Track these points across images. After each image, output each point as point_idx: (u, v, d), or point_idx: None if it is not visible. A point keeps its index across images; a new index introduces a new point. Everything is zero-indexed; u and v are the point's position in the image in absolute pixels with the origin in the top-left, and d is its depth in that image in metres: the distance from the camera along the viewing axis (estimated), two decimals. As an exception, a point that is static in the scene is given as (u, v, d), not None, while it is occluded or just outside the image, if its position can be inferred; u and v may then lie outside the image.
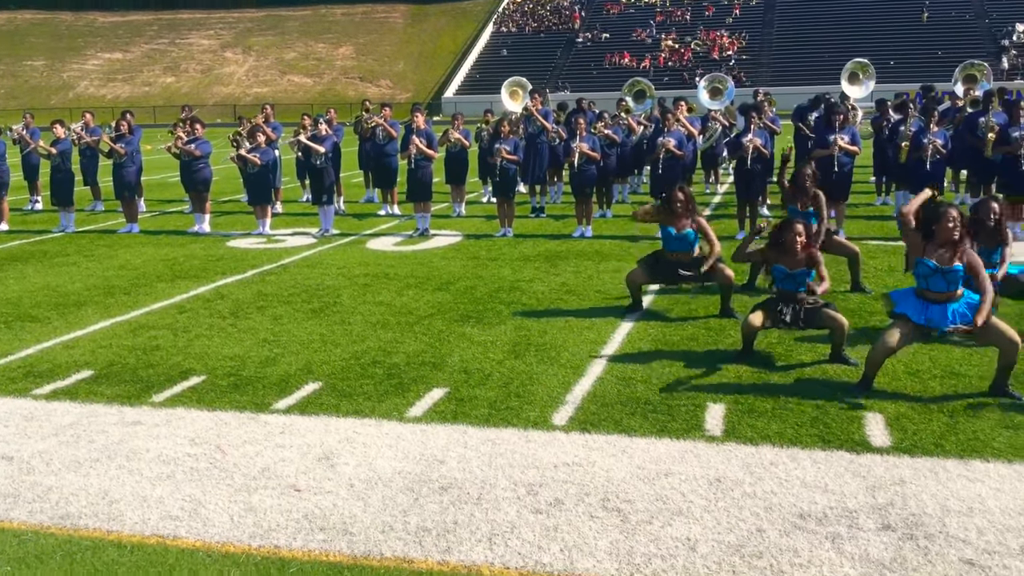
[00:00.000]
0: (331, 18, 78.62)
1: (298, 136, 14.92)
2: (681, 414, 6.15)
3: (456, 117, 16.15)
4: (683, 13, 64.84)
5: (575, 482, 5.17)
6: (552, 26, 67.30)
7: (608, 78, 54.14)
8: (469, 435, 5.90)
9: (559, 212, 15.94)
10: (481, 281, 10.56)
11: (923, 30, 56.22)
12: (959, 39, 54.57)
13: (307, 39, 76.07)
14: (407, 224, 14.96)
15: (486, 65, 63.60)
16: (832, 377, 6.83)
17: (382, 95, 61.40)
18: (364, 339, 8.21)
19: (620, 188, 17.35)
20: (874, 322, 8.33)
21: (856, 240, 12.31)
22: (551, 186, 17.36)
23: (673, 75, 56.12)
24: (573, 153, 13.35)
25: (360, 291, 10.21)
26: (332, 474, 5.37)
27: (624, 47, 61.50)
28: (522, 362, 7.41)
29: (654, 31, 62.94)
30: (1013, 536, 4.44)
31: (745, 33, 61.00)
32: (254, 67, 74.00)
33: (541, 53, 63.45)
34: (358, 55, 73.01)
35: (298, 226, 15.26)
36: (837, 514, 4.71)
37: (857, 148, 12.58)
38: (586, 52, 62.93)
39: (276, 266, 11.83)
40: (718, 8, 64.85)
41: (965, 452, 5.40)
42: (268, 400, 6.66)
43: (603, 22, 66.10)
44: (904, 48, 53.21)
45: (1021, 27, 55.50)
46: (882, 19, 58.58)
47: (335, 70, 71.89)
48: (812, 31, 58.72)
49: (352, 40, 74.87)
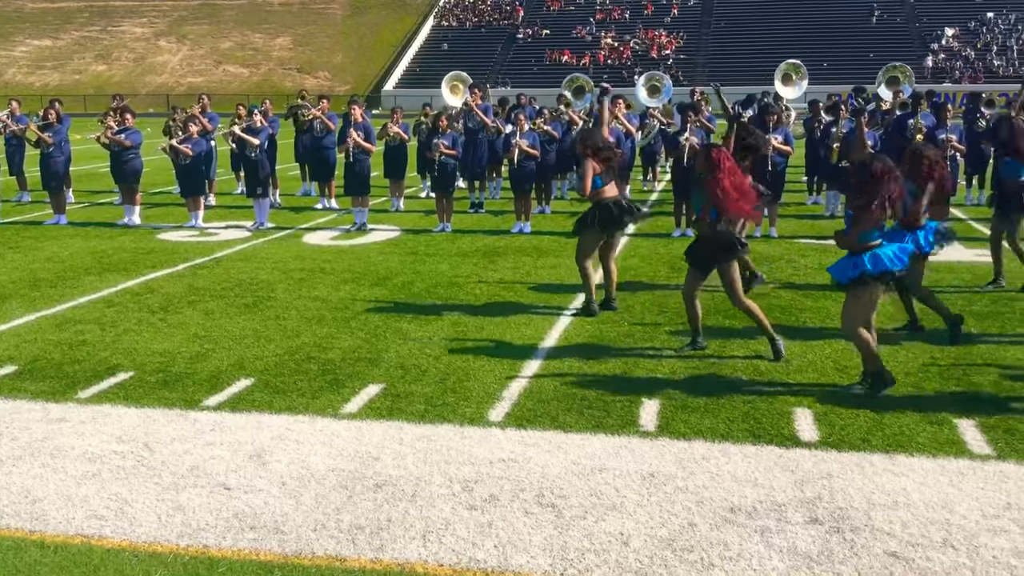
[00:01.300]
0: (268, 8, 77.46)
1: (232, 127, 14.67)
2: (616, 410, 6.20)
3: (395, 111, 16.03)
4: (622, 11, 65.33)
5: (510, 478, 5.18)
6: (493, 21, 67.27)
7: (548, 74, 54.31)
8: (405, 431, 5.86)
9: (498, 208, 15.94)
10: (419, 276, 10.51)
11: (856, 33, 57.44)
12: (890, 42, 55.91)
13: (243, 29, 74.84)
14: (344, 218, 14.82)
15: (426, 59, 63.32)
16: (764, 374, 6.95)
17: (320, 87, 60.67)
18: (299, 334, 8.11)
19: (559, 184, 17.41)
20: (804, 321, 8.49)
21: (788, 239, 12.56)
22: (490, 182, 17.34)
23: (612, 72, 56.53)
24: (512, 149, 13.35)
25: (295, 286, 10.08)
26: (264, 472, 5.29)
27: (564, 44, 61.76)
28: (459, 358, 7.39)
29: (594, 29, 63.30)
30: (936, 529, 4.56)
31: (683, 33, 61.72)
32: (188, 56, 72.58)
33: (482, 48, 63.39)
34: (296, 46, 72.07)
35: (232, 219, 15.02)
36: (766, 508, 4.79)
37: (790, 148, 12.80)
38: (526, 48, 63.05)
39: (208, 260, 11.61)
40: (657, 7, 65.47)
41: (890, 447, 5.54)
42: (198, 397, 6.54)
43: (543, 19, 66.27)
44: (837, 50, 54.34)
45: (950, 31, 57.09)
46: (816, 22, 59.76)
47: (272, 61, 70.87)
48: (748, 32, 59.63)
49: (290, 31, 73.85)
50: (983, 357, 7.25)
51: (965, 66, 53.94)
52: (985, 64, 54.05)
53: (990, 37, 56.64)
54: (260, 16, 76.33)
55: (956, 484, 5.03)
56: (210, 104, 17.59)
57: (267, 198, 14.44)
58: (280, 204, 16.60)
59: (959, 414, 6.03)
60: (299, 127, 16.92)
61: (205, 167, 15.42)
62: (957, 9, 59.52)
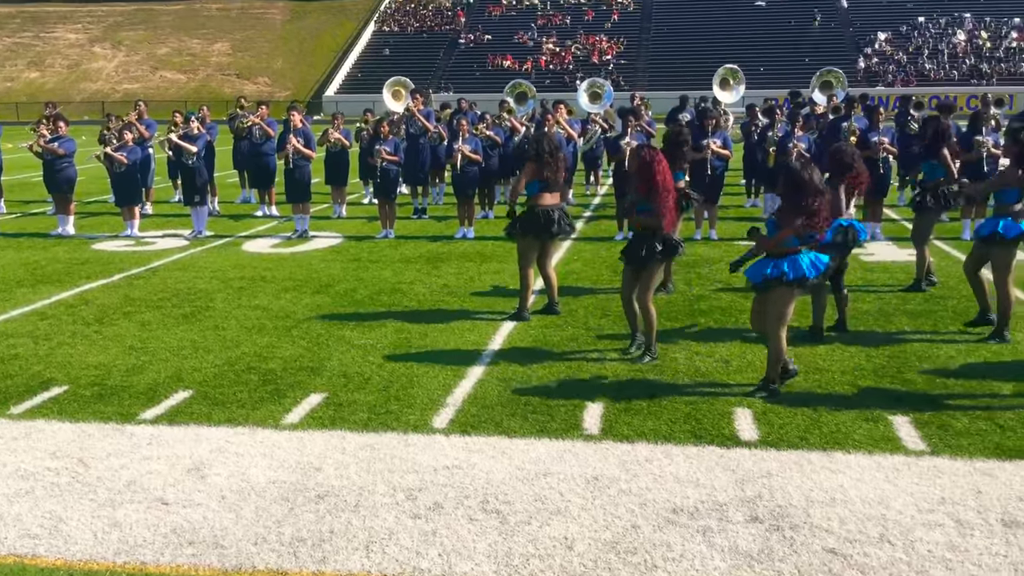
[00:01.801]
0: (206, 13, 76.29)
1: (169, 135, 14.42)
2: (560, 414, 6.21)
3: (336, 116, 15.91)
4: (563, 17, 65.64)
5: (454, 485, 5.16)
6: (434, 27, 67.11)
7: (490, 80, 54.30)
8: (347, 441, 5.81)
9: (441, 213, 15.90)
10: (362, 283, 10.43)
11: (791, 38, 58.50)
12: (824, 47, 57.04)
13: (180, 34, 73.58)
14: (285, 225, 14.65)
15: (368, 64, 62.89)
16: (705, 375, 7.02)
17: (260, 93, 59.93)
18: (238, 344, 7.99)
19: (503, 189, 17.41)
20: (743, 322, 8.60)
21: (727, 241, 12.72)
22: (433, 187, 17.30)
23: (554, 78, 56.78)
24: (455, 154, 13.33)
25: (235, 295, 9.93)
26: (203, 486, 5.20)
27: (506, 49, 61.85)
28: (402, 365, 7.35)
29: (535, 34, 63.54)
30: (872, 524, 4.65)
31: (623, 38, 62.21)
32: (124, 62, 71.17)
33: (423, 53, 63.16)
34: (235, 51, 71.07)
35: (169, 227, 14.75)
36: (708, 508, 4.84)
37: (728, 152, 12.99)
38: (468, 53, 63.00)
39: (145, 269, 11.39)
40: (597, 13, 65.93)
41: (828, 444, 5.63)
42: (135, 410, 6.40)
43: (485, 24, 66.33)
44: (773, 55, 55.25)
45: (883, 35, 58.41)
46: (752, 27, 60.69)
47: (210, 66, 69.79)
48: (686, 38, 60.33)
49: (228, 36, 72.81)
50: (916, 355, 7.42)
51: (898, 70, 55.23)
52: (917, 68, 55.40)
53: (921, 41, 58.07)
54: (198, 21, 75.15)
55: (892, 480, 5.14)
56: (147, 111, 17.27)
57: (205, 206, 14.22)
58: (219, 212, 16.35)
59: (894, 411, 6.16)
60: (238, 134, 16.70)
61: (141, 175, 15.14)
62: (889, 14, 60.91)
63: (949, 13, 60.04)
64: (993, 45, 56.49)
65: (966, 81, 52.79)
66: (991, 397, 6.43)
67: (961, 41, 57.37)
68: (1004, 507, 4.80)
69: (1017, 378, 6.81)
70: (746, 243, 12.44)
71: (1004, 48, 55.95)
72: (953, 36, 57.93)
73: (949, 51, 56.64)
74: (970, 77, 53.54)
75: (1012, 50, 55.65)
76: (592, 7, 66.86)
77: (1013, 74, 53.12)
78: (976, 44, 56.90)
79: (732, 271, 6.80)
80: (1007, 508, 4.78)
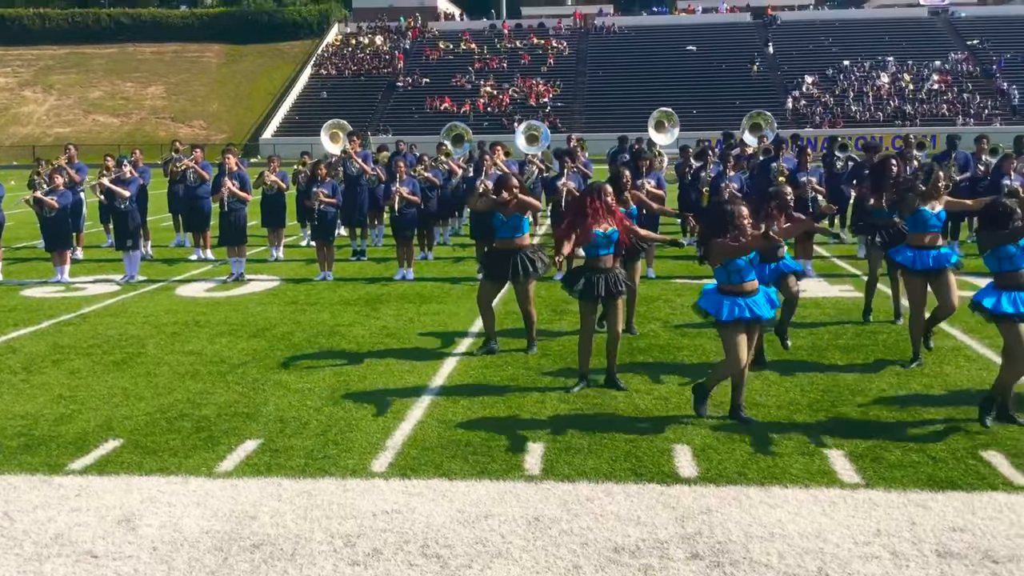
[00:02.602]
0: (140, 56, 75.42)
1: (101, 179, 14.16)
2: (501, 454, 6.18)
3: (272, 159, 15.81)
4: (500, 61, 66.44)
5: (394, 530, 5.08)
6: (372, 70, 67.33)
7: (429, 122, 54.54)
8: (284, 487, 5.69)
9: (380, 255, 15.83)
10: (299, 327, 10.30)
11: (722, 82, 59.90)
12: (754, 90, 58.56)
13: (113, 78, 72.61)
14: (220, 269, 14.44)
15: (305, 107, 62.77)
16: (644, 412, 7.05)
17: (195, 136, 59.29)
18: (171, 391, 7.81)
19: (441, 231, 17.44)
20: (682, 359, 8.69)
21: (664, 279, 12.87)
22: (372, 229, 17.23)
23: (492, 120, 57.29)
24: (393, 196, 13.32)
25: (168, 340, 9.73)
26: (133, 537, 5.04)
27: (444, 92, 62.29)
28: (341, 408, 7.25)
29: (473, 77, 64.14)
30: (811, 558, 4.68)
31: (559, 81, 63.14)
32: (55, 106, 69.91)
33: (361, 96, 63.28)
34: (169, 95, 70.31)
35: (100, 273, 14.43)
36: (649, 546, 4.83)
37: (663, 192, 13.17)
38: (407, 96, 63.28)
39: (75, 316, 11.11)
40: (533, 57, 66.87)
41: (766, 479, 5.69)
42: (62, 461, 6.20)
43: (423, 67, 66.79)
44: (706, 98, 56.52)
45: (810, 79, 60.18)
46: (685, 71, 62.13)
47: (144, 110, 68.90)
48: (621, 81, 61.42)
49: (163, 79, 72.05)
50: (850, 388, 7.55)
51: (825, 111, 56.90)
52: (843, 109, 57.15)
53: (847, 84, 59.97)
54: (131, 65, 74.25)
55: (828, 513, 5.20)
56: (77, 154, 16.93)
57: (138, 250, 13.97)
58: (152, 256, 16.07)
59: (829, 444, 6.25)
60: (172, 177, 16.48)
61: (72, 219, 14.83)
62: (815, 58, 62.91)
63: (873, 57, 62.18)
64: (915, 87, 58.56)
65: (890, 122, 54.55)
66: (923, 429, 6.57)
67: (885, 84, 59.37)
68: (938, 538, 4.88)
69: (947, 410, 6.97)
70: (682, 281, 12.67)
71: (926, 90, 58.03)
72: (877, 79, 59.94)
73: (874, 93, 58.54)
74: (894, 118, 55.36)
75: (933, 92, 57.74)
76: (528, 51, 67.82)
77: (935, 115, 55.08)
78: (899, 86, 58.93)
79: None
80: (941, 539, 4.87)
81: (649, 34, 68.92)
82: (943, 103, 56.46)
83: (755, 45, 65.79)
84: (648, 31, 69.61)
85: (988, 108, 55.25)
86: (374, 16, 75.32)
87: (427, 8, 76.61)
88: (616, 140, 18.90)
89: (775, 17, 69.72)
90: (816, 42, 65.39)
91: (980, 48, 62.18)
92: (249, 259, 14.48)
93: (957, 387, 7.55)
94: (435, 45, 69.71)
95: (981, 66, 60.26)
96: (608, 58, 65.84)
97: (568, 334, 9.53)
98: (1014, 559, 4.63)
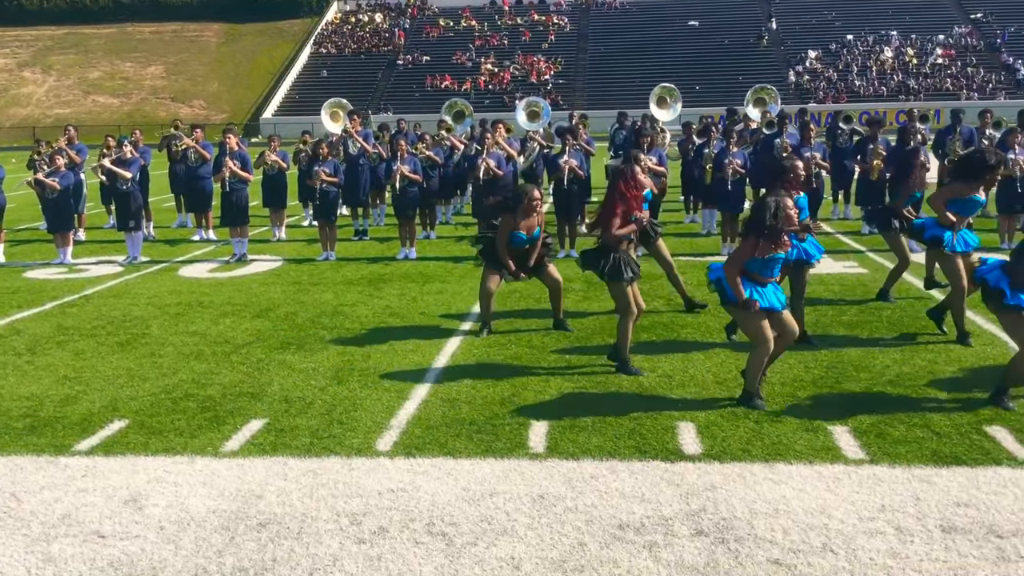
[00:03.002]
0: (139, 36, 75.10)
1: (102, 160, 14.13)
2: (505, 433, 6.19)
3: (272, 139, 15.76)
4: (501, 38, 66.06)
5: (400, 508, 5.10)
6: (372, 48, 67.01)
7: (429, 100, 54.34)
8: (289, 467, 5.71)
9: (382, 235, 15.82)
10: (302, 307, 10.30)
11: (725, 57, 59.58)
12: (757, 65, 58.23)
13: (113, 58, 72.34)
14: (223, 249, 14.43)
15: (305, 86, 62.53)
16: (648, 389, 7.06)
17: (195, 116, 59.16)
18: (176, 372, 7.83)
19: (443, 209, 17.40)
20: (685, 337, 8.68)
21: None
22: (373, 208, 17.21)
23: (494, 97, 57.06)
24: (395, 175, 13.29)
25: (172, 321, 9.74)
26: (140, 517, 5.06)
27: (445, 70, 62.00)
28: (345, 388, 7.26)
29: (474, 55, 63.82)
30: (815, 534, 4.70)
31: (561, 58, 62.81)
32: (55, 87, 69.71)
33: (362, 74, 63.03)
34: (169, 74, 70.06)
35: (103, 254, 14.43)
36: (654, 523, 4.85)
37: (664, 169, 13.11)
38: (407, 74, 63.01)
39: (78, 297, 11.12)
40: (534, 34, 66.49)
41: (770, 456, 5.70)
42: (68, 442, 6.22)
43: (423, 45, 66.45)
44: (708, 74, 56.23)
45: (813, 54, 59.83)
46: (688, 47, 61.78)
47: (144, 90, 68.69)
48: (623, 57, 61.10)
49: (162, 59, 71.77)
50: (854, 364, 7.55)
51: (828, 86, 56.60)
52: (847, 84, 56.84)
53: (850, 58, 59.61)
54: (130, 45, 73.95)
55: (833, 489, 5.21)
56: (77, 135, 16.88)
57: (140, 231, 13.96)
58: (154, 237, 16.07)
59: (833, 421, 6.26)
60: (173, 157, 16.44)
61: (74, 201, 14.81)
62: (819, 32, 62.50)
63: (876, 31, 61.79)
64: (919, 62, 58.22)
65: (894, 97, 54.29)
66: (927, 404, 6.57)
67: (888, 58, 59.02)
68: (942, 513, 4.89)
69: (951, 385, 6.97)
70: (685, 258, 12.63)
71: (930, 64, 57.70)
72: (881, 53, 59.58)
73: (877, 68, 58.21)
74: (898, 93, 55.08)
75: (937, 66, 57.40)
76: (529, 28, 67.42)
77: (939, 89, 54.79)
78: (903, 61, 58.58)
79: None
80: (945, 514, 4.88)
81: (651, 9, 68.45)
82: (947, 77, 56.15)
83: (758, 20, 65.34)
84: (650, 6, 69.10)
85: (992, 82, 54.93)
86: (374, -7, 74.99)
87: (427, -15, 76.22)
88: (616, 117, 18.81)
89: (778, -9, 69.24)
90: (819, 16, 64.93)
91: (984, 22, 61.74)
92: (251, 239, 14.47)
93: (962, 363, 7.54)
94: (435, 23, 69.29)
95: (985, 40, 59.87)
96: (609, 34, 65.45)
97: (572, 314, 9.52)
98: (1019, 533, 4.64)
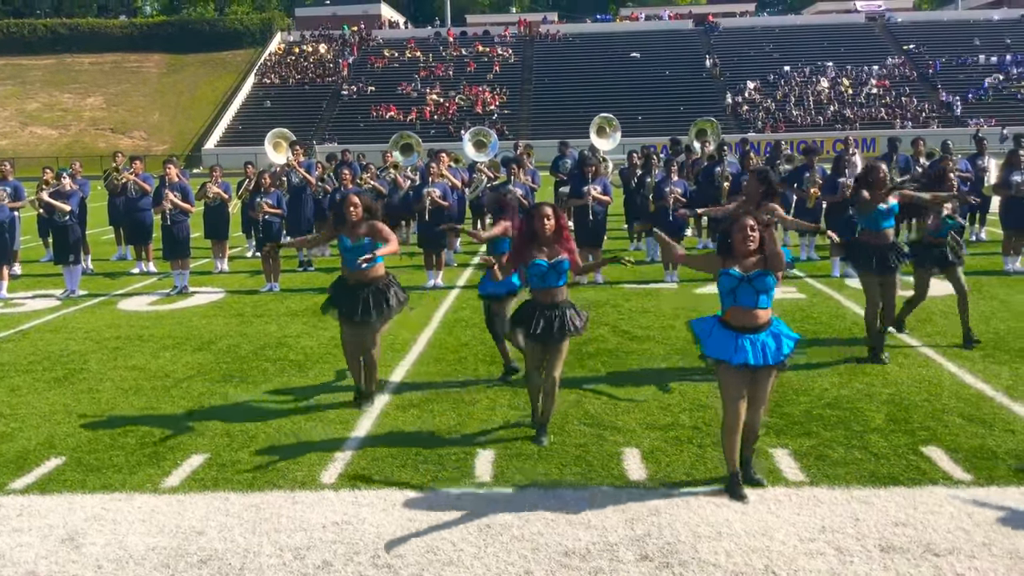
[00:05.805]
0: (78, 67, 73.98)
1: (40, 193, 13.86)
2: (451, 462, 6.17)
3: (214, 169, 15.61)
4: (446, 68, 66.41)
5: (344, 541, 5.05)
6: (316, 78, 66.85)
7: (375, 130, 54.29)
8: (231, 502, 5.62)
9: (327, 265, 15.71)
10: (245, 339, 10.18)
11: (667, 88, 60.58)
12: (697, 95, 59.33)
13: (51, 89, 71.13)
14: (164, 282, 14.22)
15: (248, 116, 62.05)
16: (593, 416, 7.10)
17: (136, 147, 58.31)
18: (114, 407, 7.67)
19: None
20: (630, 364, 8.75)
21: (612, 284, 12.97)
22: (318, 239, 17.08)
23: (439, 128, 57.22)
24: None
25: (110, 355, 9.55)
26: (77, 556, 4.94)
27: (390, 100, 62.07)
28: (289, 420, 7.18)
29: (419, 85, 64.01)
30: (758, 556, 4.76)
31: (505, 88, 63.30)
32: (-10, 118, 68.33)
33: (306, 105, 62.75)
34: (109, 105, 69.06)
35: (40, 288, 14.12)
36: (599, 549, 4.87)
37: (608, 198, 13.28)
38: (352, 104, 62.93)
39: (14, 332, 10.86)
40: (479, 65, 66.96)
41: (713, 480, 5.75)
42: (3, 480, 6.06)
43: (368, 76, 66.48)
44: (650, 104, 57.10)
45: (752, 84, 61.11)
46: (630, 77, 62.69)
47: (83, 121, 67.60)
48: (567, 88, 61.75)
49: (102, 90, 70.74)
50: (794, 388, 7.68)
51: (767, 116, 57.82)
52: (784, 114, 58.11)
53: (788, 89, 61.00)
54: (69, 76, 72.81)
55: (774, 511, 5.28)
56: (13, 171, 16.39)
57: (78, 264, 13.69)
58: (92, 270, 15.76)
59: (774, 444, 6.35)
60: (112, 190, 16.19)
61: (8, 236, 14.46)
62: (757, 63, 63.93)
63: (812, 62, 63.34)
64: (855, 91, 59.78)
65: (831, 126, 55.57)
66: (865, 426, 6.70)
67: (824, 88, 60.50)
68: (881, 533, 4.98)
69: (888, 408, 7.12)
70: (630, 286, 12.76)
71: (865, 94, 59.26)
72: (817, 84, 61.06)
73: (814, 98, 59.64)
74: (834, 122, 56.40)
75: (872, 96, 58.99)
76: (474, 59, 67.89)
77: (874, 118, 56.27)
78: (839, 91, 60.10)
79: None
80: (884, 534, 4.97)
81: (594, 41, 69.39)
82: (881, 107, 57.70)
83: (698, 52, 66.63)
84: (593, 38, 70.07)
85: (925, 111, 56.57)
86: (317, 24, 74.84)
87: (371, 16, 76.39)
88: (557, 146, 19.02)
89: (717, 24, 70.69)
90: (757, 48, 66.44)
91: (916, 52, 63.69)
92: (193, 271, 14.28)
93: (898, 386, 7.71)
94: (380, 53, 69.43)
95: (918, 70, 61.72)
96: (553, 65, 66.19)
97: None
98: (954, 551, 4.75)
